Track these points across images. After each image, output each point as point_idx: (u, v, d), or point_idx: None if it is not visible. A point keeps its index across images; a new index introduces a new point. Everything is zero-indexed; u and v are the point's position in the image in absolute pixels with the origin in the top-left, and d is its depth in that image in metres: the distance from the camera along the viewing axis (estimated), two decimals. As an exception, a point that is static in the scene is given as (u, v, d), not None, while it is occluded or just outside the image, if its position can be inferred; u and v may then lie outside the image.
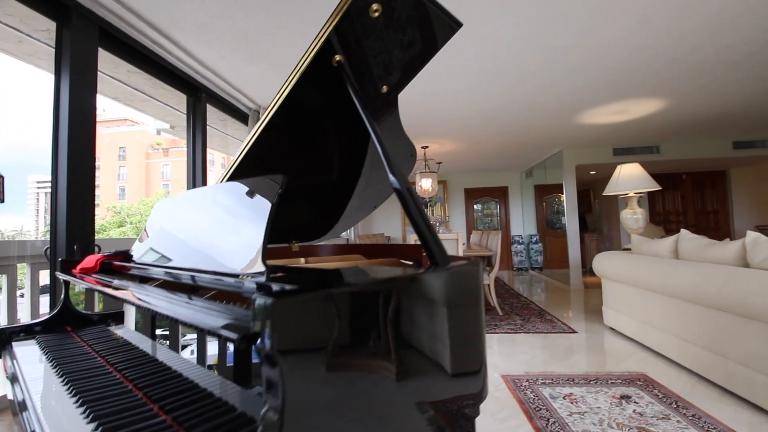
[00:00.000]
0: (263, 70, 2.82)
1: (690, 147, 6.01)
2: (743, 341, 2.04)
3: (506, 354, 2.97)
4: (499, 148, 5.91)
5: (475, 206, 8.82)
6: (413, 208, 0.89)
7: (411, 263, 1.61)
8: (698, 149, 6.01)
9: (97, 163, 2.13)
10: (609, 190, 4.21)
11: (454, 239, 3.63)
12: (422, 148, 5.49)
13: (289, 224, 1.80)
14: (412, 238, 4.52)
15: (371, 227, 8.67)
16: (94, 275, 1.18)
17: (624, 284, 3.24)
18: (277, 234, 1.80)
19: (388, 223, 8.70)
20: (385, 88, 1.25)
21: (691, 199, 7.98)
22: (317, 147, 1.55)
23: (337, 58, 1.04)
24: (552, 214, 8.01)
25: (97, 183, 2.12)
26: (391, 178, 0.92)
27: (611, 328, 3.52)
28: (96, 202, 2.14)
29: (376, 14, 0.97)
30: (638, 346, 3.03)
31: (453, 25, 1.15)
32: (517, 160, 7.06)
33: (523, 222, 8.62)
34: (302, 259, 1.85)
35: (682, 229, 2.88)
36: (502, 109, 3.99)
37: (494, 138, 5.24)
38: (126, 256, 1.27)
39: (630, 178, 4.04)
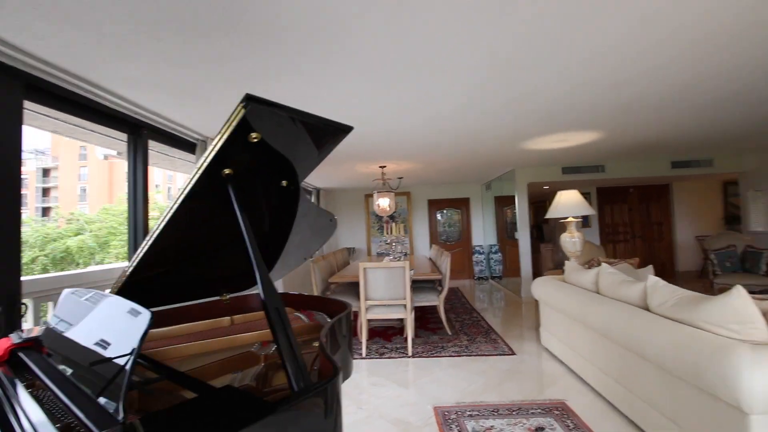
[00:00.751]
0: (204, 112, 2.85)
1: (632, 166, 6.41)
2: (641, 378, 2.27)
3: (445, 381, 3.14)
4: (455, 167, 6.11)
5: (438, 216, 9.04)
6: (279, 327, 0.98)
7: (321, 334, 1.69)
8: (639, 168, 6.41)
9: (55, 163, 2.11)
10: (550, 215, 4.46)
11: (401, 267, 3.77)
12: (380, 167, 5.61)
13: (222, 274, 1.86)
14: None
15: (337, 243, 8.76)
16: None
17: (555, 310, 3.48)
18: (206, 286, 1.87)
19: (353, 236, 8.82)
20: (284, 183, 1.36)
21: (637, 211, 8.48)
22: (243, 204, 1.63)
23: (226, 171, 1.13)
24: (511, 224, 8.33)
25: (55, 184, 2.10)
26: (261, 293, 1.01)
27: (546, 349, 3.76)
28: (54, 204, 2.11)
29: (255, 140, 1.06)
30: (566, 370, 3.27)
31: (343, 131, 1.26)
32: (476, 174, 7.31)
33: (484, 232, 8.91)
34: (228, 318, 1.92)
35: (603, 263, 3.12)
36: (452, 139, 4.15)
37: (448, 160, 5.43)
38: (36, 342, 1.31)
39: (568, 205, 4.30)
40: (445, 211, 9.04)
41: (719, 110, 3.52)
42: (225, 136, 1.01)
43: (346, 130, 1.27)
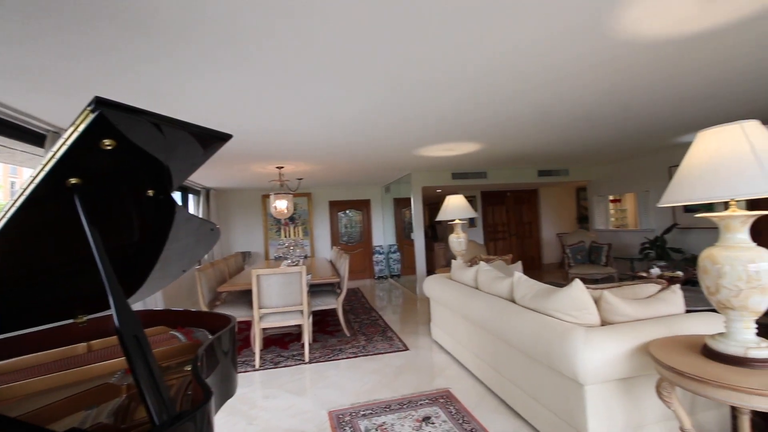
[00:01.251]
0: (55, 99, 2.41)
1: (508, 173, 7.30)
2: (509, 363, 2.60)
3: (341, 384, 3.17)
4: (355, 169, 6.22)
5: (340, 217, 9.08)
6: (137, 355, 0.89)
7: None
8: (514, 175, 7.34)
9: None
10: (440, 217, 4.82)
11: (297, 272, 3.69)
12: (277, 168, 5.41)
13: (78, 293, 1.59)
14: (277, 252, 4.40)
15: (230, 247, 8.19)
16: None
17: (442, 305, 3.78)
18: (58, 307, 1.58)
19: (249, 239, 8.36)
20: (151, 192, 1.23)
21: (513, 212, 9.69)
22: (107, 212, 1.42)
23: (72, 181, 0.98)
24: (408, 225, 8.79)
25: None
26: (115, 320, 0.90)
27: (436, 343, 4.06)
28: None
29: (110, 147, 0.93)
30: (452, 360, 3.57)
31: (220, 138, 1.18)
32: (376, 177, 7.53)
33: (384, 232, 9.23)
34: (84, 345, 1.66)
35: (481, 261, 3.49)
36: (352, 143, 4.21)
37: (349, 163, 5.50)
38: None
39: (455, 208, 4.70)
40: (347, 212, 9.12)
41: (571, 129, 4.21)
42: (69, 143, 0.87)
43: (223, 138, 1.19)
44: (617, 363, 1.87)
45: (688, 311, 2.25)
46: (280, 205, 5.20)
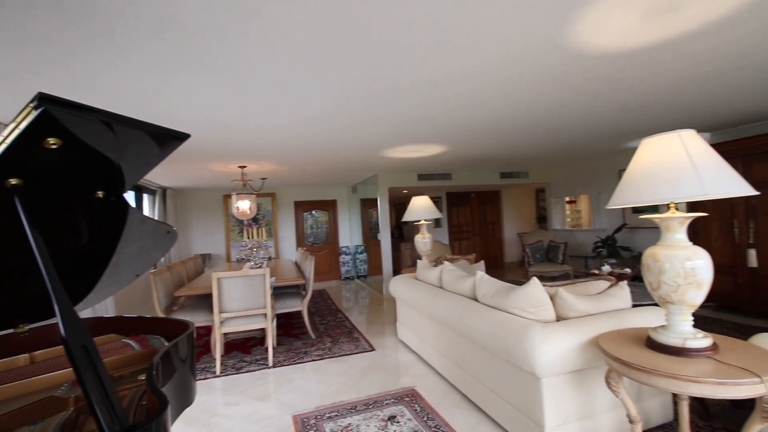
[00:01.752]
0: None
1: (471, 175, 7.50)
2: (472, 359, 2.68)
3: (306, 387, 3.13)
4: (321, 170, 6.16)
5: (306, 217, 8.95)
6: (85, 366, 0.84)
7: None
8: (477, 177, 7.55)
9: None
10: (406, 218, 4.88)
11: (260, 275, 3.60)
12: (240, 167, 5.26)
13: (20, 300, 1.47)
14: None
15: (189, 249, 7.87)
16: None
17: (408, 305, 3.82)
18: None
19: (210, 241, 8.06)
20: (101, 194, 1.16)
21: (477, 213, 9.96)
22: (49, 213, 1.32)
23: (13, 182, 0.91)
24: (375, 225, 8.81)
25: None
26: (61, 329, 0.85)
27: (402, 342, 4.11)
28: None
29: (54, 146, 0.88)
30: (418, 359, 3.62)
31: (176, 138, 1.14)
32: (342, 178, 7.49)
33: (350, 233, 9.20)
34: (25, 356, 1.54)
35: (445, 261, 3.57)
36: (317, 144, 4.17)
37: (314, 163, 5.43)
38: None
39: (421, 209, 4.77)
40: (313, 213, 9.01)
41: (529, 134, 4.40)
42: (9, 142, 0.81)
43: (180, 137, 1.15)
44: (571, 356, 1.98)
45: (634, 306, 2.41)
46: (243, 206, 5.06)
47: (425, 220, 4.88)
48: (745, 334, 3.72)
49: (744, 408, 2.38)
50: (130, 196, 6.01)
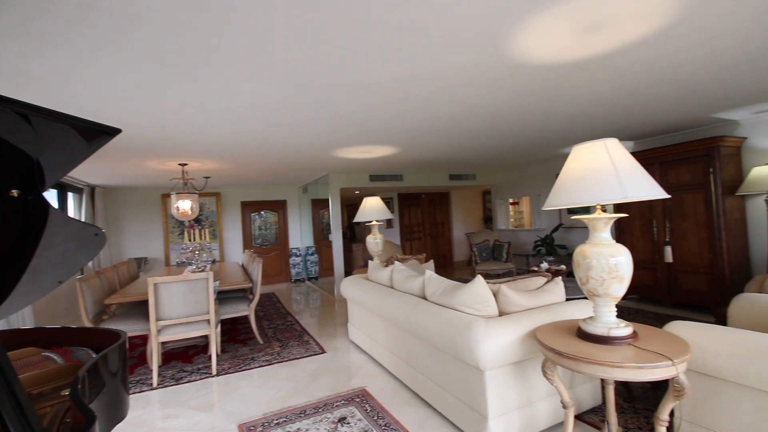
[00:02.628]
0: None
1: (422, 176, 7.67)
2: (421, 356, 2.74)
3: (253, 395, 3.02)
4: (270, 169, 5.98)
5: (254, 218, 8.64)
6: (-5, 388, 0.75)
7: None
8: (427, 179, 7.74)
9: None
10: (357, 219, 4.88)
11: (203, 279, 3.42)
12: (180, 165, 4.96)
13: None
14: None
15: (122, 253, 7.27)
16: None
17: (359, 306, 3.83)
18: None
19: (146, 243, 7.51)
20: (15, 192, 1.04)
21: (428, 213, 10.21)
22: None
23: None
24: (327, 226, 8.71)
25: None
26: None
27: (354, 343, 4.10)
28: None
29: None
30: (369, 359, 3.64)
31: (106, 133, 1.05)
32: (293, 177, 7.33)
33: (301, 234, 9.02)
34: None
35: (396, 261, 3.62)
36: (265, 142, 4.03)
37: (262, 162, 5.26)
38: None
39: (372, 209, 4.79)
40: (262, 213, 8.71)
41: (476, 138, 4.59)
42: None
43: (110, 132, 1.06)
44: (511, 349, 2.09)
45: (568, 299, 2.60)
46: (184, 206, 4.77)
47: (377, 221, 4.92)
48: (662, 322, 4.16)
49: (661, 389, 2.65)
50: (52, 195, 5.43)
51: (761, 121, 4.27)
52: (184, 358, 3.89)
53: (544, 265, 4.92)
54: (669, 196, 1.66)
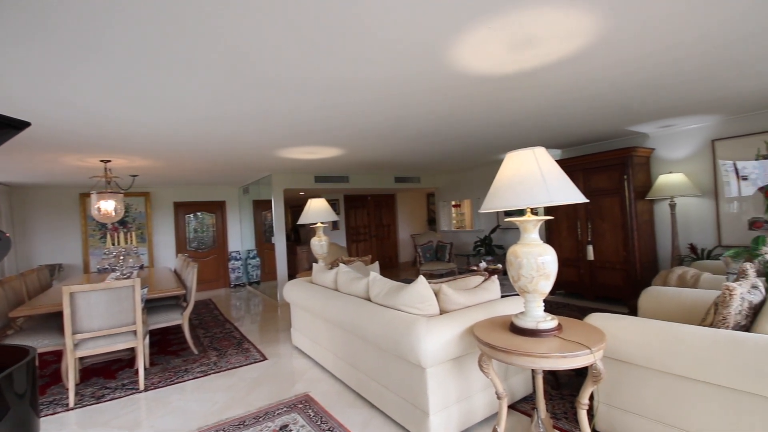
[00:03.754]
0: None
1: (368, 178, 7.72)
2: (365, 358, 2.75)
3: (187, 409, 2.83)
4: (207, 168, 5.66)
5: (189, 220, 8.11)
6: None
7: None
8: (374, 181, 7.80)
9: None
10: (302, 221, 4.78)
11: (128, 286, 3.14)
12: (102, 162, 4.52)
13: None
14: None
15: (32, 259, 6.46)
16: None
17: (303, 309, 3.75)
18: None
19: (61, 248, 6.74)
20: None
21: (374, 215, 10.28)
22: None
23: None
24: (270, 228, 8.42)
25: None
26: None
27: (297, 348, 4.00)
28: None
29: None
30: (313, 364, 3.57)
31: (12, 126, 0.93)
32: (233, 177, 7.00)
33: (241, 237, 8.63)
34: None
35: (341, 264, 3.60)
36: (199, 140, 3.80)
37: (199, 160, 4.96)
38: None
39: (317, 211, 4.72)
40: (198, 215, 8.20)
41: (420, 143, 4.71)
42: None
43: (17, 126, 0.95)
44: (451, 345, 2.17)
45: (503, 296, 2.76)
46: (107, 207, 4.35)
47: (322, 223, 4.85)
48: (584, 315, 4.55)
49: (583, 376, 2.91)
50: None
51: (666, 134, 4.86)
52: (107, 374, 3.54)
53: (483, 265, 5.17)
54: (588, 200, 1.82)
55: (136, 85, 2.32)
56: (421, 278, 2.48)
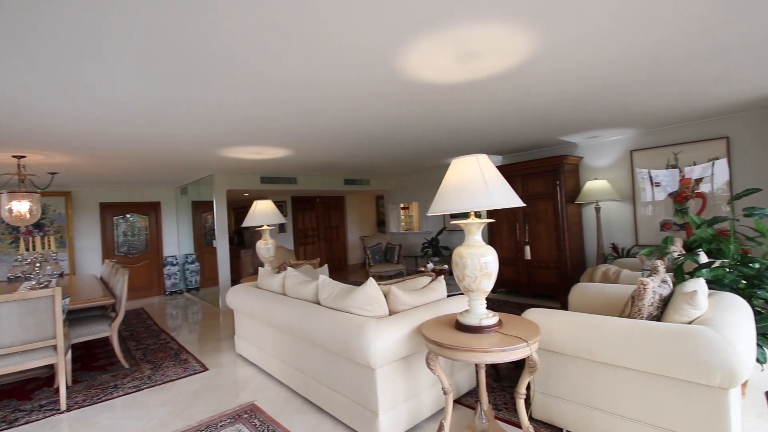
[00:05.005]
0: None
1: (317, 180, 7.62)
2: (313, 361, 2.71)
3: (118, 428, 2.60)
4: (137, 166, 5.24)
5: (118, 223, 7.45)
6: None
7: None
8: (322, 183, 7.71)
9: None
10: (247, 223, 4.60)
11: (46, 297, 2.81)
12: (15, 157, 4.02)
13: None
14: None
15: None
16: None
17: (248, 316, 3.61)
18: None
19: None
20: None
21: (322, 217, 10.16)
22: None
23: None
24: (211, 231, 7.99)
25: None
26: None
27: (241, 356, 3.84)
28: None
29: None
30: (258, 371, 3.45)
31: None
32: (169, 177, 6.55)
33: (178, 240, 8.10)
34: None
35: (288, 267, 3.51)
36: (130, 136, 3.52)
37: (127, 158, 4.59)
38: None
39: (263, 213, 4.57)
40: (128, 217, 7.56)
41: (369, 146, 4.74)
42: None
43: None
44: (400, 345, 2.22)
45: (449, 296, 2.87)
46: (19, 208, 3.87)
47: (268, 225, 4.70)
48: (523, 311, 4.85)
49: (521, 367, 3.10)
50: None
51: (592, 144, 5.34)
52: (21, 395, 3.14)
53: (430, 266, 5.32)
54: (525, 204, 1.96)
55: (59, 71, 2.10)
56: (371, 280, 2.50)
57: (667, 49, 2.26)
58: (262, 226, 4.68)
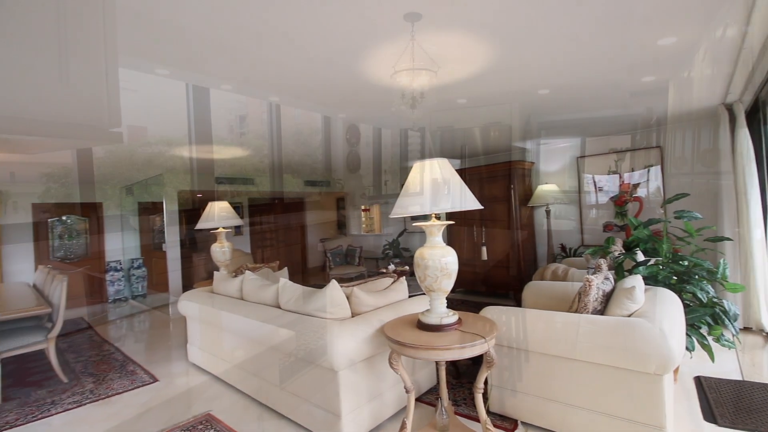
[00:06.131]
0: None
1: (276, 182, 7.44)
2: (273, 366, 2.64)
3: (53, 447, 2.39)
4: (79, 163, 4.86)
5: (53, 225, 6.83)
6: None
7: None
8: (282, 184, 7.54)
9: None
10: (201, 225, 4.40)
11: (-31, 307, 2.53)
12: (-71, 153, 3.58)
13: None
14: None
15: None
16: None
17: (203, 322, 3.45)
18: None
19: None
20: None
21: (282, 219, 9.92)
22: None
23: None
24: (160, 234, 7.54)
25: None
26: None
27: (194, 365, 3.66)
28: None
29: None
30: (213, 380, 3.30)
31: None
32: (111, 175, 6.11)
33: (123, 244, 7.57)
34: None
35: (246, 271, 3.41)
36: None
37: (60, 155, 4.24)
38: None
39: (219, 216, 4.40)
40: (65, 219, 6.95)
41: (332, 146, 4.71)
42: None
43: None
44: (363, 346, 2.22)
45: (411, 296, 2.91)
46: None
47: (224, 228, 4.53)
48: (480, 309, 5.03)
49: (479, 363, 3.21)
50: None
51: (543, 150, 5.65)
52: (-68, 421, 2.79)
53: (392, 267, 5.35)
54: (482, 207, 2.04)
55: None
56: (333, 282, 2.49)
57: (602, 70, 2.45)
58: (217, 228, 4.51)
